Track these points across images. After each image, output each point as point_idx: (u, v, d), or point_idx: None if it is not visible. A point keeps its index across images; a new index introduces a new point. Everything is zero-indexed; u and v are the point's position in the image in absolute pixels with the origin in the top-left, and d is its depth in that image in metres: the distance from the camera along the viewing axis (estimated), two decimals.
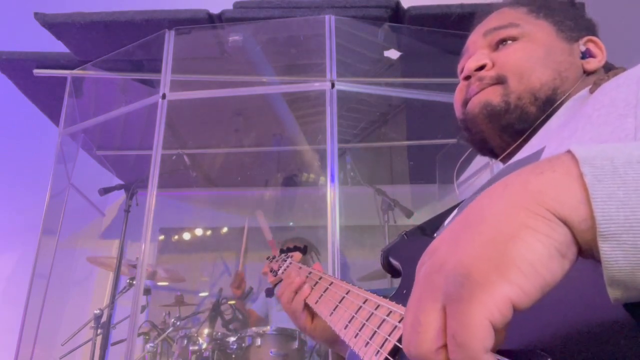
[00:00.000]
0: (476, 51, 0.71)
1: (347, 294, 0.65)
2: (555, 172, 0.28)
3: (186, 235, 3.66)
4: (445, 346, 0.27)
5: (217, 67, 2.64)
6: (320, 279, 0.80)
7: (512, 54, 0.67)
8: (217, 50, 2.53)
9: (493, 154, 0.73)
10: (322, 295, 0.75)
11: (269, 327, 2.12)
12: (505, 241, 0.27)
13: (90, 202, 3.25)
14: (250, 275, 3.54)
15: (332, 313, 0.66)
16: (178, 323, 2.33)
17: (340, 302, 0.66)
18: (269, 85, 2.60)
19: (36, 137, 3.39)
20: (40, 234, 2.46)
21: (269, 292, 1.05)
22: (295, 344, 2.07)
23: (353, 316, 0.59)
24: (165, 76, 2.34)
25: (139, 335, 2.37)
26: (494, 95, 0.65)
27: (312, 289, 0.82)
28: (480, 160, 2.64)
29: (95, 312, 2.33)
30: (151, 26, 2.35)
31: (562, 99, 0.63)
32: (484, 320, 0.25)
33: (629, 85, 0.47)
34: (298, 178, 3.34)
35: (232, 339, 2.04)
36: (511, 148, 0.67)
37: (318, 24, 2.32)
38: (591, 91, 0.56)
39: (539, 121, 0.63)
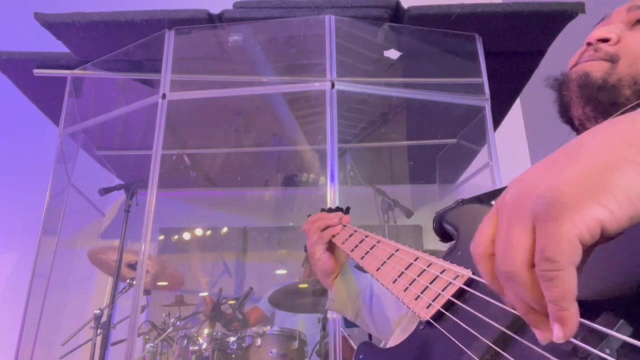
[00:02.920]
0: (613, 22, 0.69)
1: (396, 251, 0.67)
2: None
3: (186, 235, 3.66)
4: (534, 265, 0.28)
5: (217, 67, 2.64)
6: (366, 236, 0.82)
7: (638, 38, 0.65)
8: (217, 50, 2.53)
9: (571, 123, 0.71)
10: (368, 251, 0.75)
11: (269, 327, 2.12)
12: (603, 169, 0.27)
13: (90, 202, 3.25)
14: (251, 275, 3.54)
15: (379, 268, 0.67)
16: (178, 323, 2.33)
17: (388, 258, 0.67)
18: (269, 85, 2.60)
19: (36, 137, 3.39)
20: (40, 234, 2.46)
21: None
22: (295, 344, 2.07)
23: (402, 272, 0.60)
24: (165, 76, 2.34)
25: (139, 335, 2.37)
26: (597, 69, 0.65)
27: (347, 239, 0.87)
28: (480, 160, 2.65)
29: (95, 312, 2.33)
30: (151, 26, 2.35)
31: None
32: (572, 236, 0.26)
33: None
34: (298, 178, 3.34)
35: (232, 339, 2.04)
36: (592, 124, 0.66)
37: (318, 24, 2.32)
38: None
39: (630, 106, 0.61)
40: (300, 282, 2.44)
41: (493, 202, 0.67)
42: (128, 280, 2.48)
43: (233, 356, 2.02)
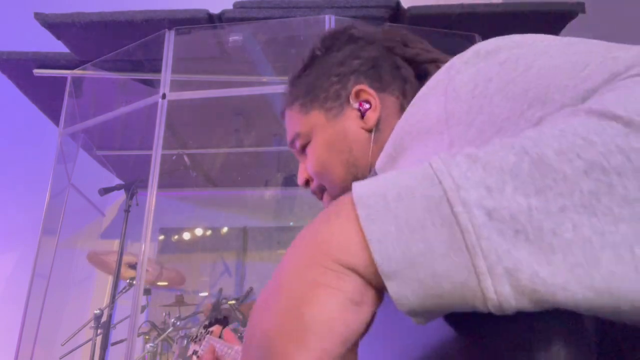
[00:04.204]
0: (300, 161, 0.73)
1: None
2: (339, 217, 0.28)
3: (186, 235, 3.66)
4: None
5: (217, 67, 2.64)
6: (228, 349, 0.81)
7: (309, 165, 0.68)
8: (217, 50, 2.53)
9: None
10: None
11: None
12: (298, 306, 0.26)
13: (90, 202, 3.25)
14: (251, 275, 3.55)
15: None
16: (178, 323, 2.33)
17: None
18: (269, 85, 2.60)
19: (36, 137, 3.39)
20: (40, 234, 2.46)
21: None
22: None
23: None
24: (165, 76, 2.34)
25: (139, 335, 2.37)
26: (324, 204, 0.69)
27: None
28: None
29: (95, 312, 2.33)
30: (151, 26, 2.35)
31: (369, 173, 0.63)
32: None
33: (436, 96, 0.42)
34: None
35: None
36: None
37: (318, 24, 2.32)
38: None
39: None
40: None
41: None
42: (128, 280, 2.48)
43: None
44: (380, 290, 0.27)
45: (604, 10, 2.42)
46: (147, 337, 2.47)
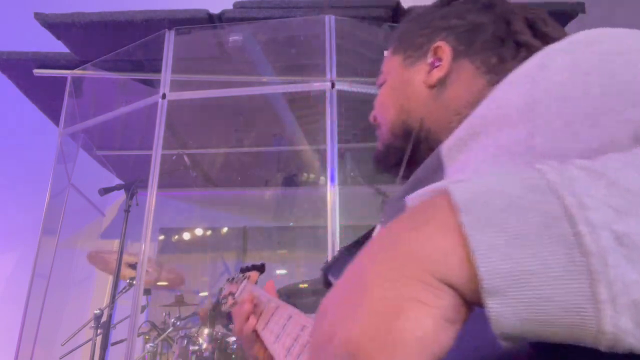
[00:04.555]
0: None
1: (288, 320, 0.64)
2: (432, 223, 0.26)
3: (186, 235, 3.67)
4: None
5: (217, 67, 2.64)
6: (268, 301, 0.78)
7: (376, 102, 0.72)
8: (217, 50, 2.53)
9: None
10: (268, 321, 0.72)
11: None
12: (390, 318, 0.25)
13: (90, 202, 3.25)
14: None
15: (275, 341, 0.65)
16: (178, 323, 2.33)
17: (283, 328, 0.64)
18: (269, 85, 2.60)
19: (36, 137, 3.39)
20: (40, 234, 2.46)
21: (228, 319, 1.01)
22: None
23: (292, 344, 0.58)
24: (165, 76, 2.35)
25: (139, 335, 2.37)
26: (378, 142, 0.72)
27: (260, 316, 0.80)
28: None
29: (95, 312, 2.33)
30: (151, 26, 2.35)
31: (418, 125, 0.63)
32: None
33: (523, 83, 0.39)
34: (298, 178, 3.34)
35: (232, 339, 2.04)
36: (400, 175, 0.71)
37: (318, 24, 2.32)
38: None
39: (408, 153, 0.65)
40: (300, 282, 2.44)
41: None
42: (128, 280, 2.48)
43: (233, 356, 2.02)
44: (472, 307, 0.26)
45: (604, 10, 2.42)
46: (147, 337, 2.47)
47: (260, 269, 1.04)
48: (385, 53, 0.76)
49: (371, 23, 2.36)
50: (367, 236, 0.70)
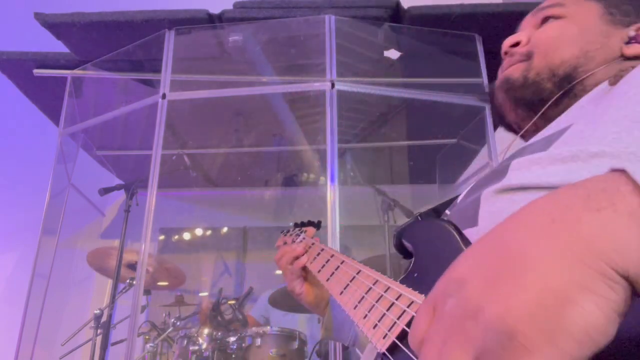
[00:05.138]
0: (522, 29, 0.72)
1: (357, 273, 0.66)
2: (615, 210, 0.24)
3: (186, 235, 3.67)
4: None
5: (217, 67, 2.64)
6: (332, 256, 0.80)
7: (544, 32, 0.67)
8: (217, 50, 2.53)
9: (511, 128, 0.73)
10: (333, 273, 0.75)
11: (269, 327, 2.12)
12: (558, 303, 0.23)
13: (90, 202, 3.25)
14: (250, 275, 3.55)
15: (342, 292, 0.66)
16: (178, 323, 2.33)
17: (351, 281, 0.66)
18: (269, 85, 2.60)
19: (36, 137, 3.39)
20: (40, 234, 2.46)
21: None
22: (295, 344, 2.07)
23: (363, 296, 0.59)
24: (165, 76, 2.34)
25: (139, 335, 2.37)
26: (516, 71, 0.67)
27: (315, 259, 0.85)
28: (480, 160, 2.65)
29: (95, 312, 2.32)
30: (151, 26, 2.35)
31: (584, 77, 0.62)
32: None
33: None
34: (298, 178, 3.34)
35: (232, 339, 2.04)
36: (529, 124, 0.66)
37: (318, 24, 2.32)
38: (613, 81, 0.53)
39: (555, 97, 0.63)
40: None
41: (448, 212, 0.67)
42: (128, 280, 2.48)
43: (233, 356, 2.02)
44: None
45: None
46: (147, 337, 2.47)
47: (317, 225, 1.05)
48: None
49: (371, 23, 2.36)
50: (446, 203, 0.69)
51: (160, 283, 2.76)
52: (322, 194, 2.09)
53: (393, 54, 2.54)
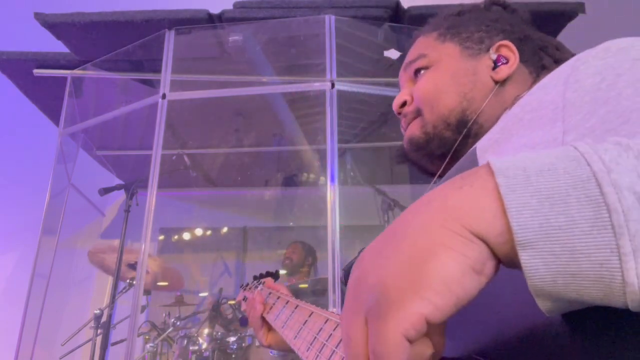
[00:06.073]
0: (402, 88, 0.75)
1: (310, 316, 0.67)
2: (472, 186, 0.28)
3: (186, 235, 3.67)
4: None
5: (217, 67, 2.64)
6: (287, 303, 0.82)
7: (421, 86, 0.70)
8: (217, 50, 2.53)
9: (434, 174, 0.76)
10: (287, 319, 0.77)
11: None
12: (421, 260, 0.27)
13: (90, 202, 3.25)
14: (251, 275, 3.55)
15: (295, 337, 0.68)
16: (178, 323, 2.33)
17: (304, 324, 0.67)
18: (269, 85, 2.60)
19: (36, 137, 3.39)
20: (40, 234, 2.46)
21: (243, 322, 1.06)
22: None
23: (315, 337, 0.60)
24: (165, 76, 2.35)
25: (139, 335, 2.37)
26: (415, 129, 0.70)
27: (271, 308, 0.89)
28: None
29: (95, 312, 2.33)
30: (151, 26, 2.35)
31: (475, 117, 0.65)
32: (398, 336, 0.26)
33: (556, 86, 0.44)
34: (298, 178, 3.34)
35: (232, 339, 2.04)
36: (441, 169, 0.70)
37: (318, 24, 2.32)
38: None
39: (458, 140, 0.66)
40: (300, 282, 2.44)
41: None
42: (128, 280, 2.48)
43: (233, 356, 2.02)
44: (499, 264, 0.28)
45: (604, 10, 2.42)
46: (147, 337, 2.47)
47: (274, 275, 1.07)
48: (419, 39, 0.76)
49: (371, 23, 2.36)
50: None
51: (160, 283, 2.77)
52: (322, 194, 2.09)
53: (393, 54, 2.54)
